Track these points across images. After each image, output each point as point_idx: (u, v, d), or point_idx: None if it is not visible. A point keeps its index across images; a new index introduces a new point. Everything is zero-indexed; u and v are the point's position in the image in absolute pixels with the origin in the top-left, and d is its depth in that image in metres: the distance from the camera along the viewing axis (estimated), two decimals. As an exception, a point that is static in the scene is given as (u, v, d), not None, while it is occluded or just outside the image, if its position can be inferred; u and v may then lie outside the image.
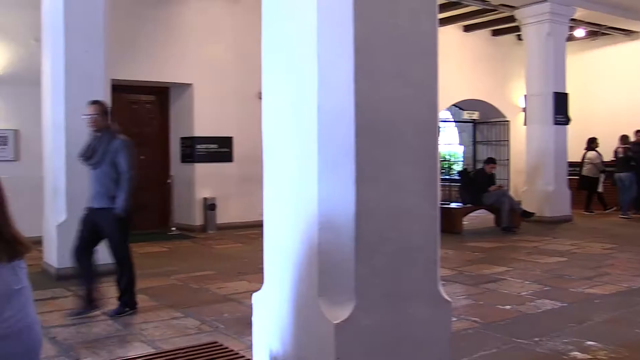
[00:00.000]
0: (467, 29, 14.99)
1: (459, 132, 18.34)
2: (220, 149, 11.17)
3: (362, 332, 2.75)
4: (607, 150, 13.65)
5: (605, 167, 13.48)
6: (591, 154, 13.45)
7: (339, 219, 2.76)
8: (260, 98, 3.38)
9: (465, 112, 16.34)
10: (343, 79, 2.73)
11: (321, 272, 2.80)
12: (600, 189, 13.63)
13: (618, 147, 13.13)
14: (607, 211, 13.31)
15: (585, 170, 13.46)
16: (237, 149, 11.25)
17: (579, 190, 13.55)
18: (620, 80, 15.27)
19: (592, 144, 13.53)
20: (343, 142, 2.74)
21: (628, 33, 14.98)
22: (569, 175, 12.84)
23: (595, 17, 13.61)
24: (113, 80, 7.56)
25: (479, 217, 12.34)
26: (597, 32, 14.71)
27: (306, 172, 2.88)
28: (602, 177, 13.61)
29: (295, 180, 2.98)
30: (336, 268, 2.77)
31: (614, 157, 13.37)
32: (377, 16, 2.79)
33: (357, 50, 2.70)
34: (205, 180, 11.01)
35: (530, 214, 11.31)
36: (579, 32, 14.40)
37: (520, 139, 14.13)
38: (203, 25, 10.94)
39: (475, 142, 17.13)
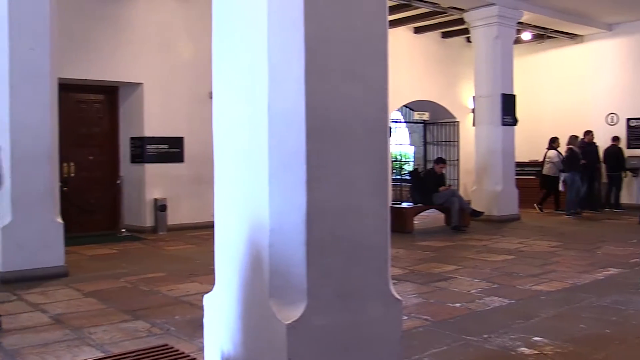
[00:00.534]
0: (418, 30, 15.17)
1: (409, 133, 18.54)
2: (171, 150, 11.04)
3: (314, 332, 2.76)
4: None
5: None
6: (552, 153, 13.72)
7: (290, 220, 2.76)
8: (211, 98, 3.36)
9: (416, 112, 16.54)
10: (294, 80, 2.73)
11: (272, 272, 2.80)
12: (561, 187, 13.96)
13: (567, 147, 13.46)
14: (557, 211, 13.59)
15: (546, 169, 13.74)
16: (188, 150, 11.13)
17: (540, 189, 13.84)
18: (565, 83, 15.70)
19: (553, 143, 13.82)
20: (294, 142, 2.74)
21: (573, 37, 15.40)
22: (516, 175, 13.13)
23: (541, 20, 13.97)
24: (61, 79, 7.39)
25: (430, 217, 12.51)
26: (543, 35, 15.06)
27: (257, 173, 2.87)
28: (562, 176, 13.95)
29: (246, 181, 2.97)
30: (287, 269, 2.77)
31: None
32: (328, 17, 2.80)
33: (307, 51, 2.71)
34: (155, 181, 10.87)
35: (480, 213, 11.52)
36: (526, 35, 14.74)
37: (470, 139, 14.37)
38: (154, 24, 10.80)
39: (425, 143, 17.35)
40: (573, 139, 13.29)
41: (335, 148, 2.81)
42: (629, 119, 14.67)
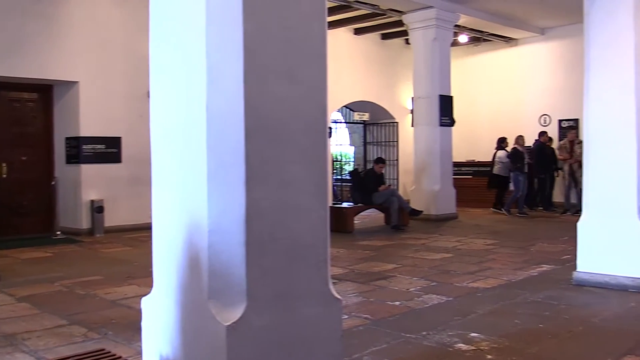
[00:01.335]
0: (358, 32, 15.30)
1: (349, 133, 18.68)
2: (108, 150, 10.81)
3: (254, 333, 2.75)
4: (490, 150, 14.38)
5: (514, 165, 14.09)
6: (501, 153, 13.94)
7: (229, 220, 2.74)
8: (149, 97, 3.31)
9: (356, 113, 16.67)
10: (232, 79, 2.72)
11: (211, 274, 2.78)
12: (512, 187, 14.27)
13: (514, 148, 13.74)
14: (499, 210, 13.85)
15: (496, 169, 13.97)
16: (126, 150, 10.92)
17: (490, 189, 14.10)
18: (500, 85, 16.12)
19: (502, 143, 14.06)
20: (232, 142, 2.72)
21: (507, 40, 15.82)
22: (454, 175, 13.41)
23: (477, 24, 14.30)
24: (-9, 76, 7.16)
25: (370, 216, 12.64)
26: (479, 38, 15.43)
27: (195, 173, 2.84)
28: (512, 176, 14.28)
29: (184, 181, 2.94)
30: (226, 270, 2.75)
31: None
32: (267, 17, 2.80)
33: (246, 50, 2.70)
34: (92, 182, 10.62)
35: (419, 212, 11.70)
36: (463, 38, 15.06)
37: (409, 139, 14.58)
38: (90, 22, 10.56)
39: (365, 143, 17.52)
40: (520, 138, 13.58)
41: (275, 148, 2.81)
42: (560, 120, 15.15)
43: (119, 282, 6.55)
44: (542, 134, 14.17)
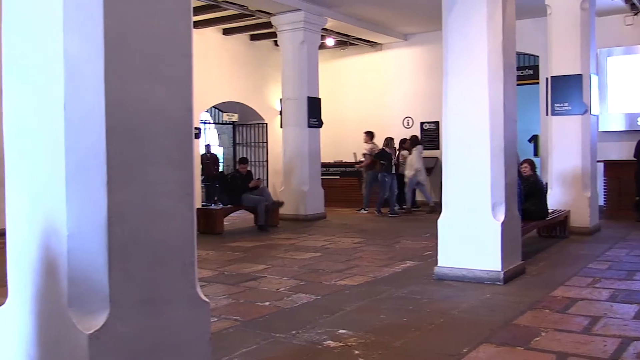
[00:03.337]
0: (227, 32, 15.19)
1: (218, 134, 18.51)
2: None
3: (118, 341, 2.65)
4: (353, 151, 14.78)
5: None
6: (405, 152, 14.14)
7: (89, 224, 2.62)
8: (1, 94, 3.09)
9: (225, 114, 16.56)
10: (92, 76, 2.60)
11: (71, 280, 2.64)
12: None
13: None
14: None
15: (402, 169, 14.21)
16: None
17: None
18: (366, 88, 16.61)
19: (403, 144, 14.32)
20: (93, 143, 2.60)
21: (373, 44, 16.33)
22: (322, 175, 13.64)
23: (344, 28, 14.65)
24: None
25: (239, 217, 12.59)
26: (346, 42, 15.81)
27: (52, 175, 2.69)
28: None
29: (41, 183, 2.77)
30: (88, 275, 2.63)
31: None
32: (130, 14, 2.70)
33: (107, 46, 2.59)
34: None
35: (280, 203, 11.82)
36: (330, 41, 15.35)
37: (278, 140, 14.67)
38: None
39: (235, 144, 17.43)
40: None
41: (138, 149, 2.72)
42: (422, 123, 15.85)
43: (-31, 293, 6.08)
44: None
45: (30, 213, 2.84)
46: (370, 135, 14.33)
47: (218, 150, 18.30)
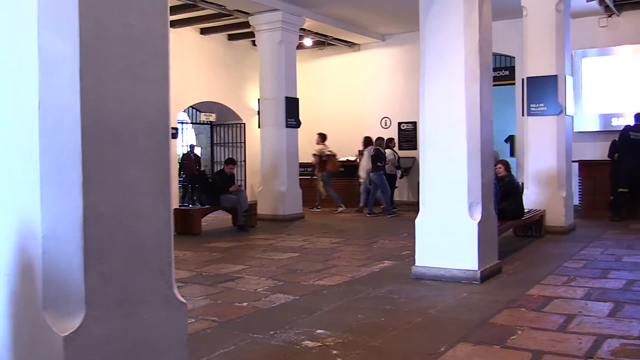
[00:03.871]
0: (204, 31, 15.13)
1: (196, 134, 18.43)
2: None
3: (94, 343, 2.62)
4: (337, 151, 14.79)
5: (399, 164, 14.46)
6: (388, 152, 14.16)
7: (65, 225, 2.59)
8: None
9: (203, 114, 16.49)
10: (67, 75, 2.57)
11: (46, 282, 2.61)
12: (397, 184, 14.51)
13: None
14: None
15: (387, 168, 14.19)
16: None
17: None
18: (344, 88, 16.64)
19: (390, 143, 14.30)
20: (68, 142, 2.57)
21: (351, 45, 16.36)
22: (300, 176, 13.63)
23: (322, 28, 14.67)
24: None
25: (217, 218, 12.54)
26: (324, 42, 15.82)
27: (27, 175, 2.65)
28: (398, 174, 14.57)
29: (14, 184, 2.74)
30: (63, 277, 2.60)
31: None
32: (105, 12, 2.67)
33: (82, 45, 2.56)
34: None
35: (251, 213, 11.66)
36: (308, 42, 15.36)
37: (256, 140, 14.65)
38: None
39: (212, 144, 17.37)
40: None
41: (114, 148, 2.70)
42: (400, 123, 15.92)
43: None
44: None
45: (4, 214, 2.80)
46: (322, 137, 14.45)
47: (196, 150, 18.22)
